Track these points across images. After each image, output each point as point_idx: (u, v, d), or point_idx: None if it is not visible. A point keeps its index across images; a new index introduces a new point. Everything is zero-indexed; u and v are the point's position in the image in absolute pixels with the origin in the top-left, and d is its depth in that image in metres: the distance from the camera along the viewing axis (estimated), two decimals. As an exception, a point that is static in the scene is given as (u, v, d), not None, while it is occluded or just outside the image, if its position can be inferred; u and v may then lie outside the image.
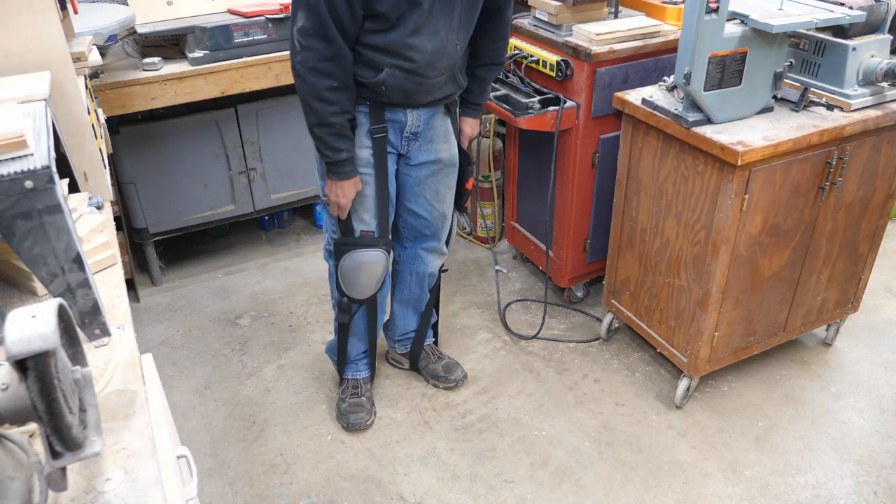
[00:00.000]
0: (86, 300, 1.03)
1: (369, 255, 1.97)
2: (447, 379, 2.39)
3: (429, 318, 2.35)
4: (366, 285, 2.03)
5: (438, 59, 1.77)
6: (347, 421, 2.24)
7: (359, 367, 2.30)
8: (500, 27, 1.95)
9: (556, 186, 2.56)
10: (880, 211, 2.24)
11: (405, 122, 1.89)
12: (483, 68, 2.01)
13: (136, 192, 2.78)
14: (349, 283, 2.02)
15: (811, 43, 2.03)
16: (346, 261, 1.98)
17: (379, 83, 1.76)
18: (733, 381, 2.43)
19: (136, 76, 2.45)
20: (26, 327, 0.68)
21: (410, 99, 1.84)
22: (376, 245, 1.97)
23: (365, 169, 1.89)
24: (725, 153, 1.84)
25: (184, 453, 1.13)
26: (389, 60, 1.73)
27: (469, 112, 2.11)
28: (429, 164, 1.99)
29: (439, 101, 1.91)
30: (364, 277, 2.01)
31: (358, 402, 2.27)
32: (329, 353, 2.37)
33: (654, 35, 2.36)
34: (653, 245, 2.25)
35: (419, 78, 1.78)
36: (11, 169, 0.90)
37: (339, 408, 2.28)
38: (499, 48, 1.99)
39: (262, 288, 2.98)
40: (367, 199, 1.93)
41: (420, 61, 1.74)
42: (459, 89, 1.96)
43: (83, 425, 0.77)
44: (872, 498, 2.02)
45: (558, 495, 2.03)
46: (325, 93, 1.69)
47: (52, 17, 1.31)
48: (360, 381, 2.30)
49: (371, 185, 1.91)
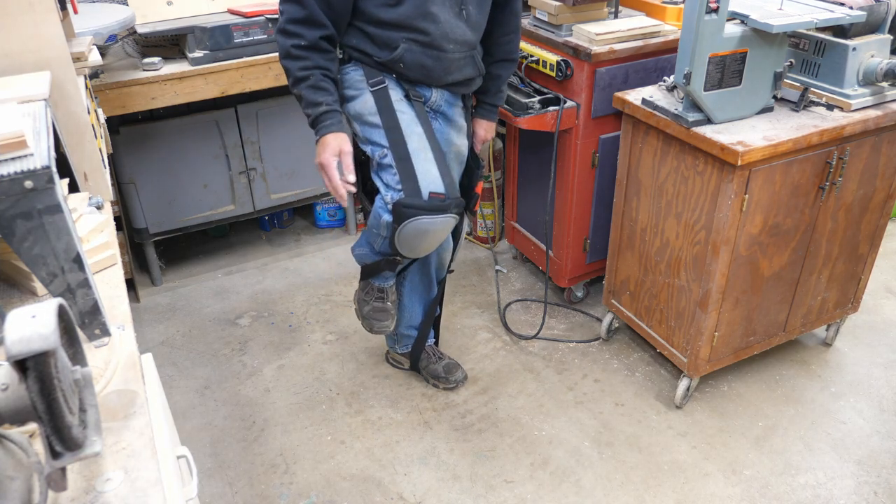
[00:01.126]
0: (86, 300, 1.03)
1: (438, 222, 1.77)
2: (447, 380, 2.39)
3: (431, 317, 2.34)
4: (428, 249, 1.88)
5: (453, 29, 1.76)
6: (371, 325, 2.15)
7: (388, 277, 2.10)
8: (510, 18, 1.94)
9: (556, 186, 2.56)
10: (880, 211, 2.24)
11: (429, 97, 1.90)
12: (497, 65, 2.00)
13: (136, 192, 2.78)
14: (409, 247, 1.84)
15: (811, 43, 2.03)
16: (409, 226, 1.77)
17: (396, 60, 1.76)
18: (733, 381, 2.43)
19: (136, 76, 2.45)
20: (26, 327, 0.68)
21: (430, 77, 1.83)
22: (447, 209, 1.77)
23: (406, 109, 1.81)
24: (725, 153, 1.84)
25: (184, 453, 1.13)
26: (404, 35, 1.73)
27: (484, 113, 2.09)
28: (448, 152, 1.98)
29: (460, 84, 1.90)
30: (428, 243, 1.84)
31: (382, 306, 2.13)
32: (358, 259, 2.10)
33: (654, 35, 2.36)
34: (653, 245, 2.25)
35: (436, 52, 1.77)
36: (11, 169, 0.90)
37: (361, 309, 2.16)
38: (511, 42, 1.98)
39: (262, 288, 2.98)
40: (421, 136, 1.79)
41: (435, 33, 1.73)
42: (479, 75, 1.94)
43: (83, 425, 0.77)
44: (872, 498, 2.02)
45: (558, 495, 2.03)
46: (291, 50, 1.70)
47: (52, 17, 1.31)
48: (386, 287, 2.13)
49: (419, 126, 1.80)
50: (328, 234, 3.36)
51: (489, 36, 1.93)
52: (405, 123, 1.80)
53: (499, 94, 2.07)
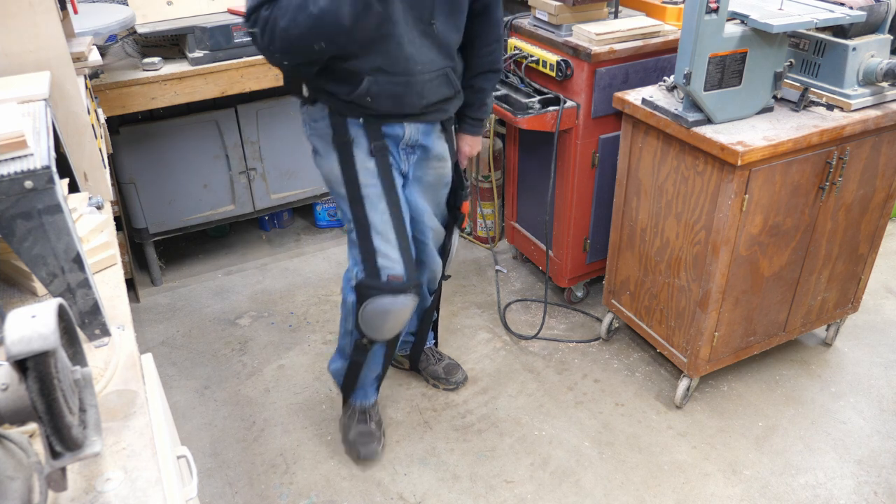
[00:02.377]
0: (86, 300, 1.03)
1: (397, 303, 1.81)
2: (448, 381, 2.38)
3: (429, 322, 2.32)
4: (391, 330, 1.89)
5: (420, 50, 1.63)
6: (358, 453, 2.11)
7: (368, 393, 2.15)
8: (491, 29, 1.81)
9: (556, 186, 2.56)
10: (880, 211, 2.24)
11: (402, 134, 1.77)
12: (479, 78, 1.87)
13: (136, 192, 2.78)
14: (372, 328, 1.86)
15: (811, 43, 2.03)
16: (370, 306, 1.81)
17: (363, 95, 1.63)
18: (733, 381, 2.43)
19: (136, 76, 2.45)
20: (26, 327, 0.68)
21: (403, 105, 1.69)
22: (405, 290, 1.80)
23: (371, 179, 1.76)
24: (725, 153, 1.84)
25: (184, 453, 1.13)
26: (367, 65, 1.60)
27: (467, 129, 1.97)
28: (422, 181, 1.90)
29: (434, 107, 1.76)
30: (390, 324, 1.86)
31: (367, 429, 2.13)
32: (334, 376, 2.19)
33: (654, 35, 2.36)
34: (653, 245, 2.25)
35: (404, 77, 1.64)
36: (11, 169, 0.90)
37: (347, 436, 2.14)
38: (493, 53, 1.85)
39: (262, 288, 2.98)
40: (384, 215, 1.78)
41: (399, 56, 1.60)
42: (456, 94, 1.81)
43: (83, 425, 0.77)
44: (872, 498, 2.02)
45: (558, 495, 2.03)
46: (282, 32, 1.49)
47: (52, 17, 1.31)
48: (367, 406, 2.15)
49: (384, 201, 1.77)
50: (328, 234, 3.36)
51: (470, 47, 1.81)
52: (369, 200, 1.76)
53: (483, 108, 1.95)
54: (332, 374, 2.21)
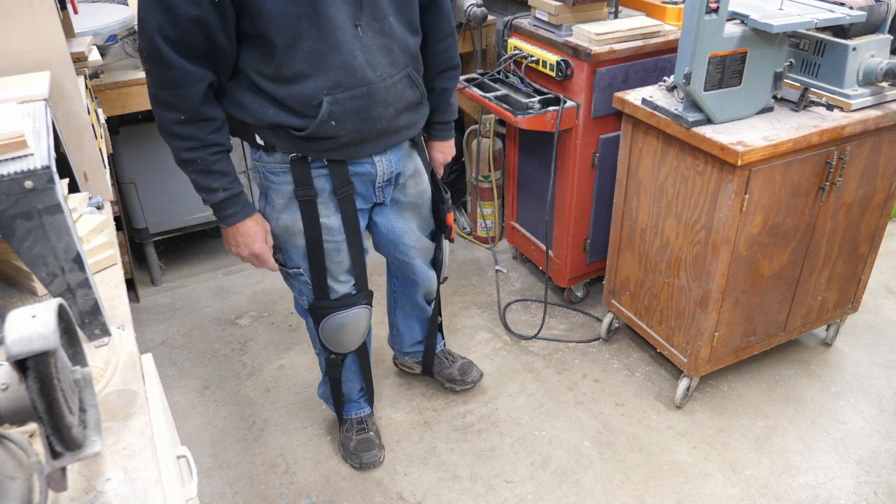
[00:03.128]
0: (86, 300, 1.03)
1: (350, 316, 1.81)
2: (464, 381, 2.34)
3: (434, 329, 2.28)
4: (352, 342, 1.89)
5: (374, 54, 1.50)
6: (360, 461, 2.09)
7: (361, 405, 2.15)
8: (440, 22, 1.69)
9: (556, 186, 2.56)
10: (880, 211, 2.24)
11: (375, 172, 1.67)
12: (439, 78, 1.77)
13: (136, 192, 2.78)
14: (334, 342, 1.87)
15: (811, 43, 2.03)
16: (326, 324, 1.81)
17: (325, 122, 1.48)
18: (733, 381, 2.43)
19: (136, 76, 2.45)
20: (26, 327, 0.68)
21: (369, 120, 1.54)
22: (356, 303, 1.80)
23: (335, 236, 1.70)
24: (725, 153, 1.84)
25: (184, 453, 1.13)
26: (321, 84, 1.45)
27: (437, 134, 1.88)
28: (400, 203, 1.83)
29: (402, 120, 1.63)
30: (349, 336, 1.86)
31: (366, 437, 2.12)
32: (324, 399, 2.19)
33: (654, 35, 2.36)
34: (653, 245, 2.25)
35: (364, 88, 1.49)
36: (11, 169, 0.90)
37: (346, 447, 2.12)
38: (449, 48, 1.74)
39: (262, 288, 2.98)
40: (342, 264, 1.75)
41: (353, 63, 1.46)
42: (422, 98, 1.68)
43: (83, 425, 0.77)
44: (872, 498, 2.02)
45: (558, 495, 2.03)
46: (172, 126, 1.45)
47: (52, 17, 1.31)
48: (364, 416, 2.16)
49: (344, 251, 1.73)
50: (328, 234, 3.36)
51: (424, 45, 1.68)
52: (328, 255, 1.71)
53: (449, 109, 1.84)
54: (322, 399, 2.22)
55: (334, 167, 1.62)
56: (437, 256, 2.07)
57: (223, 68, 1.46)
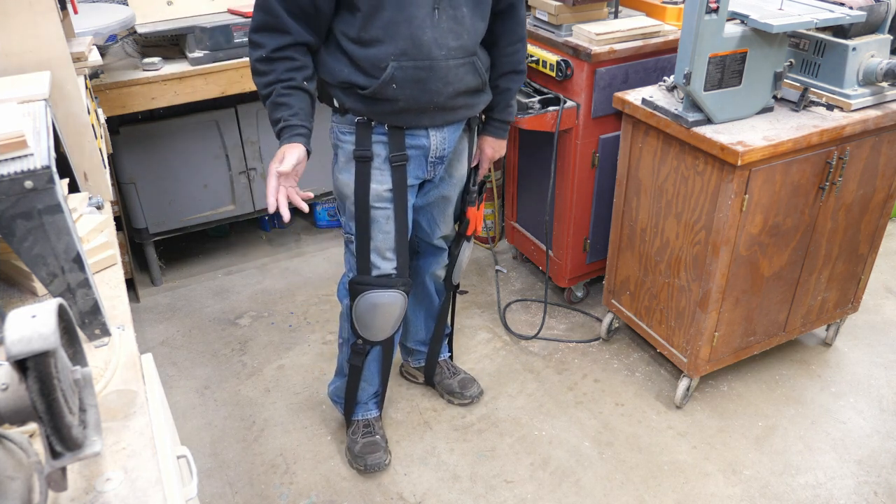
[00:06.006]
0: (86, 300, 1.03)
1: (385, 297, 1.86)
2: (462, 395, 2.34)
3: (441, 332, 2.29)
4: (382, 328, 1.93)
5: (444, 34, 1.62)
6: (365, 463, 2.09)
7: (369, 408, 2.16)
8: (515, 27, 1.81)
9: (556, 186, 2.56)
10: (880, 211, 2.24)
11: (429, 146, 1.78)
12: (504, 78, 1.87)
13: (136, 192, 2.78)
14: (364, 324, 1.91)
15: (811, 43, 2.03)
16: (361, 301, 1.87)
17: (387, 82, 1.62)
18: (733, 381, 2.43)
19: (136, 76, 2.45)
20: (26, 327, 0.68)
21: (427, 92, 1.66)
22: (394, 286, 1.86)
23: (383, 204, 1.79)
24: (725, 153, 1.84)
25: (184, 453, 1.13)
26: (391, 50, 1.60)
27: (492, 131, 1.96)
28: (444, 184, 1.92)
29: (461, 100, 1.74)
30: (380, 320, 1.91)
31: (372, 440, 2.12)
32: (334, 398, 2.22)
33: (654, 35, 2.36)
34: (653, 245, 2.25)
35: (428, 62, 1.62)
36: (11, 169, 0.90)
37: (352, 450, 2.12)
38: (517, 52, 1.85)
39: (262, 288, 2.98)
40: (389, 235, 1.82)
41: (422, 38, 1.60)
42: (483, 85, 1.78)
43: (83, 425, 0.77)
44: (872, 498, 2.02)
45: (558, 495, 2.03)
46: (255, 64, 1.64)
47: (52, 17, 1.31)
48: (371, 419, 2.17)
49: (391, 221, 1.81)
50: (328, 234, 3.36)
51: (494, 47, 1.81)
52: (376, 223, 1.81)
53: (508, 110, 1.93)
54: (330, 397, 2.24)
55: (393, 134, 1.74)
56: (452, 251, 2.11)
57: (319, 29, 1.65)
